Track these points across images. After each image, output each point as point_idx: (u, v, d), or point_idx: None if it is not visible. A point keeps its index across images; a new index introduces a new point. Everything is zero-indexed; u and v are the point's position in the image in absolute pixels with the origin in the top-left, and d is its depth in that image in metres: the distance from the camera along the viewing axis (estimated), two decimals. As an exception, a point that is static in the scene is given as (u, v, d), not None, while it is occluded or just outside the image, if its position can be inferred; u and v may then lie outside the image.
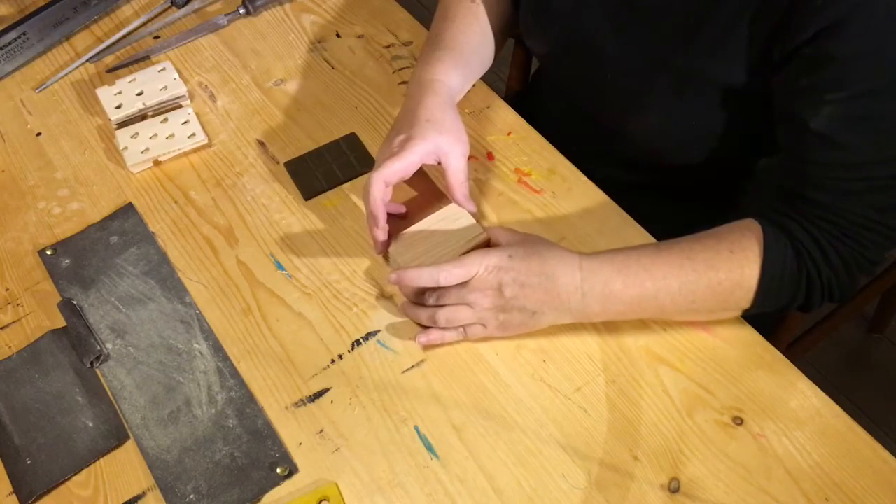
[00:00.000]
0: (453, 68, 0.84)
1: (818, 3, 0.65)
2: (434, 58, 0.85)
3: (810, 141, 0.69)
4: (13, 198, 0.91)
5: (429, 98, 0.80)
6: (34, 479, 0.71)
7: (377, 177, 0.75)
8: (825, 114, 0.67)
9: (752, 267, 0.70)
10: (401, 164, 0.75)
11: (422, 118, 0.78)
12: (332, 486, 0.69)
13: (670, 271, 0.71)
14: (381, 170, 0.75)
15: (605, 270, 0.71)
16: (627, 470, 0.69)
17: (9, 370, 0.77)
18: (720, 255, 0.70)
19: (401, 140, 0.77)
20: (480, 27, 0.89)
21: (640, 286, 0.71)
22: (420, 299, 0.75)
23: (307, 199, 0.87)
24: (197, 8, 1.07)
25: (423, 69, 0.84)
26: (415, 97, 0.81)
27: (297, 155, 0.90)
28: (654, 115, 0.82)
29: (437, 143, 0.77)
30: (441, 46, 0.86)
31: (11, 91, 1.01)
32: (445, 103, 0.81)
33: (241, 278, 0.82)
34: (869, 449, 0.69)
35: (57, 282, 0.83)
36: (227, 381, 0.76)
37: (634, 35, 0.80)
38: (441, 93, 0.81)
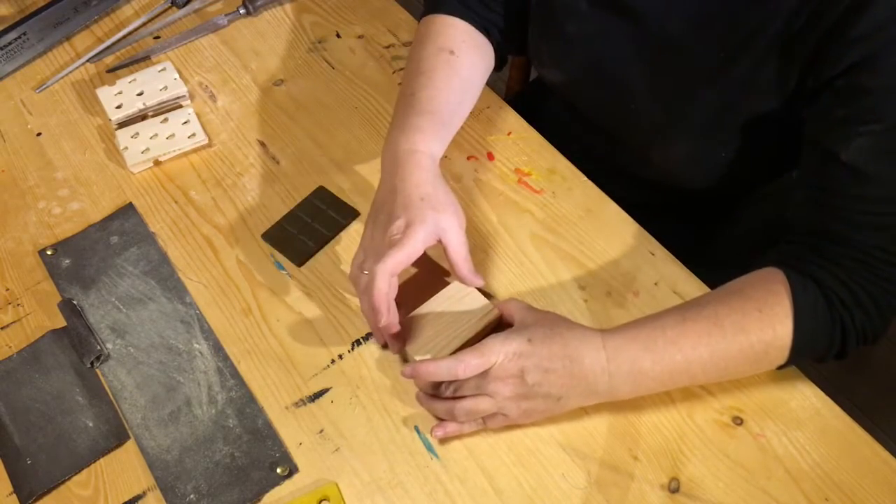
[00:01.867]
0: (433, 136, 0.79)
1: (852, 36, 0.63)
2: (412, 125, 0.78)
3: (840, 173, 0.67)
4: (13, 198, 0.91)
5: (416, 174, 0.75)
6: (34, 479, 0.71)
7: (383, 271, 0.70)
8: (857, 146, 0.65)
9: (785, 324, 0.66)
10: (404, 254, 0.71)
11: (415, 197, 0.73)
12: (332, 486, 0.69)
13: (699, 340, 0.67)
14: (386, 263, 0.70)
15: (632, 348, 0.67)
16: (627, 470, 0.69)
17: (9, 370, 0.77)
18: (749, 317, 0.67)
19: (399, 226, 0.72)
20: (460, 81, 0.84)
21: (670, 361, 0.67)
22: (436, 391, 0.71)
23: (300, 265, 0.82)
24: (197, 8, 1.07)
25: (400, 138, 0.78)
26: (398, 173, 0.76)
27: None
28: (681, 147, 0.81)
29: (436, 223, 0.72)
30: (418, 111, 0.80)
31: (11, 91, 1.01)
32: (433, 176, 0.76)
33: (241, 278, 0.82)
34: (869, 449, 0.69)
35: (57, 282, 0.83)
36: (227, 381, 0.76)
37: (662, 67, 0.78)
38: (425, 166, 0.76)
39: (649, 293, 0.78)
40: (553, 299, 0.78)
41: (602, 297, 0.78)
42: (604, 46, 0.81)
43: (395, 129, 0.80)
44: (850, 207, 0.67)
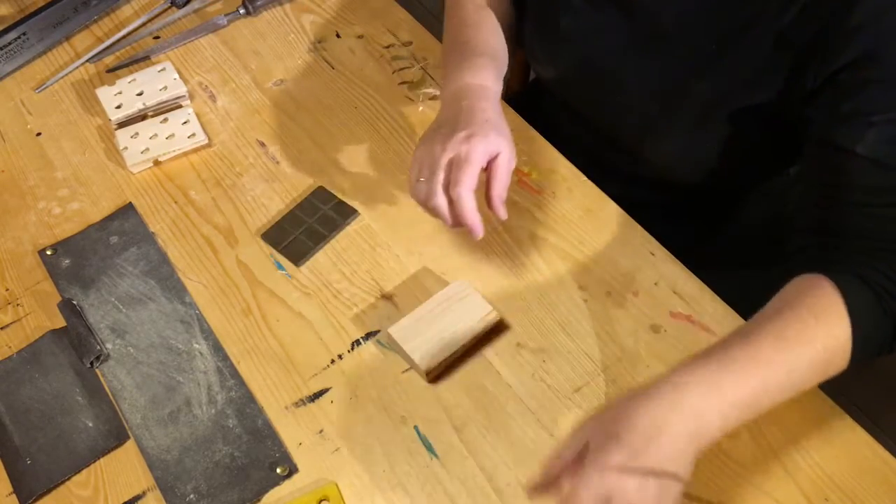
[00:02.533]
0: (495, 74, 0.81)
1: (850, 27, 0.63)
2: (474, 64, 0.81)
3: (856, 167, 0.65)
4: (13, 198, 0.91)
5: (483, 101, 0.77)
6: (34, 479, 0.71)
7: (465, 191, 0.71)
8: (874, 137, 0.64)
9: (842, 326, 0.63)
10: (475, 169, 0.72)
11: (480, 118, 0.75)
12: (332, 486, 0.69)
13: (772, 357, 0.62)
14: (464, 183, 0.71)
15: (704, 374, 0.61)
16: (627, 470, 0.69)
17: (9, 370, 0.77)
18: (808, 325, 0.63)
19: (461, 136, 0.73)
20: (501, 33, 0.87)
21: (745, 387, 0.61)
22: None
23: (299, 265, 0.82)
24: (197, 8, 1.07)
25: (466, 74, 0.80)
26: (466, 98, 0.78)
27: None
28: (674, 141, 0.81)
29: (496, 143, 0.74)
30: (479, 53, 0.82)
31: (11, 91, 1.01)
32: (497, 107, 0.78)
33: (241, 278, 0.82)
34: (869, 449, 0.69)
35: (57, 282, 0.83)
36: (227, 381, 0.76)
37: (655, 61, 0.79)
38: (491, 97, 0.79)
39: (649, 293, 0.78)
40: (553, 299, 0.78)
41: (602, 297, 0.78)
42: (597, 40, 0.82)
43: (457, 69, 0.81)
44: (871, 202, 0.65)
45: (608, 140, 0.89)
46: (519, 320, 0.77)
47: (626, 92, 0.82)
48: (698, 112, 0.77)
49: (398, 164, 0.89)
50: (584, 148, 0.90)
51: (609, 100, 0.85)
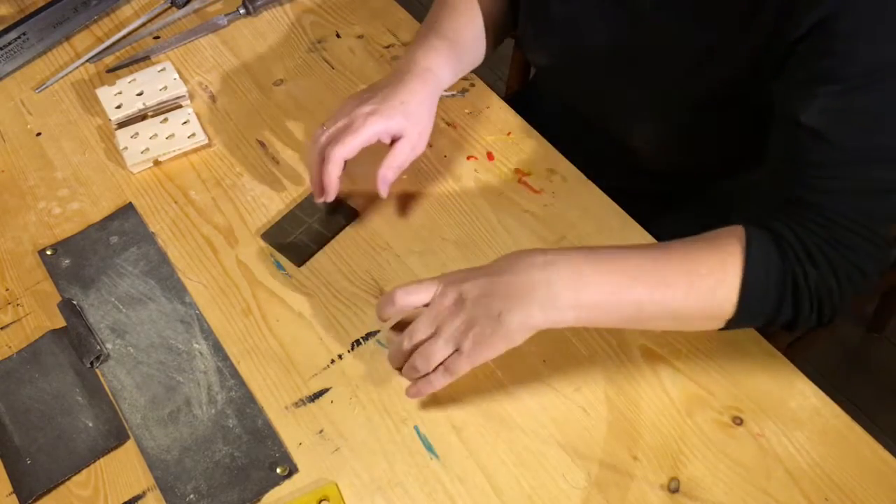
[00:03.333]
0: (447, 61, 0.84)
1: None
2: (432, 46, 0.84)
3: (801, 136, 0.66)
4: (13, 198, 0.91)
5: (415, 85, 0.81)
6: (34, 479, 0.71)
7: (338, 153, 0.77)
8: (816, 107, 0.65)
9: (735, 263, 0.64)
10: (359, 140, 0.78)
11: (397, 99, 0.79)
12: (332, 486, 0.69)
13: (646, 262, 0.65)
14: (342, 146, 0.77)
15: (574, 256, 0.65)
16: (627, 470, 0.69)
17: (9, 370, 0.77)
18: (699, 249, 0.66)
19: (368, 111, 0.79)
20: (480, 23, 0.89)
21: (611, 273, 0.64)
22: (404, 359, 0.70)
23: (300, 265, 0.82)
24: (197, 8, 1.07)
25: (419, 53, 0.84)
26: (402, 77, 0.81)
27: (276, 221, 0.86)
28: (660, 127, 0.82)
29: (399, 126, 0.79)
30: (441, 35, 0.85)
31: (11, 91, 1.01)
32: (428, 95, 0.81)
33: (241, 278, 0.82)
34: (869, 449, 0.69)
35: (57, 282, 0.83)
36: (227, 381, 0.76)
37: (636, 46, 0.79)
38: (429, 84, 0.82)
39: (649, 293, 0.78)
40: (553, 299, 0.78)
41: (602, 297, 0.78)
42: (585, 26, 0.83)
43: (415, 46, 0.85)
44: (811, 173, 0.66)
45: (600, 131, 0.90)
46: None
47: (611, 78, 0.83)
48: (679, 96, 0.78)
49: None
50: (583, 145, 0.90)
51: (597, 87, 0.86)
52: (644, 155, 0.87)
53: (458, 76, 0.87)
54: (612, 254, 0.66)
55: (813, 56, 0.65)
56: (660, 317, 0.66)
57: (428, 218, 0.85)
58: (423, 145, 0.82)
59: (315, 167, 0.79)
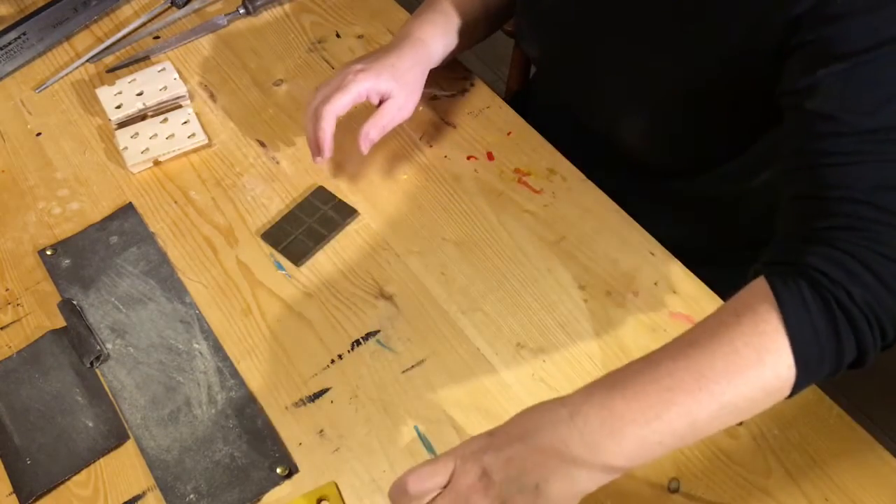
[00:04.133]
0: (442, 35, 0.87)
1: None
2: (429, 19, 0.87)
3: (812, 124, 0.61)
4: (13, 198, 0.91)
5: (408, 52, 0.84)
6: (34, 479, 0.71)
7: (330, 111, 0.80)
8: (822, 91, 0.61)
9: (770, 321, 0.55)
10: (349, 97, 0.81)
11: (388, 61, 0.83)
12: (332, 486, 0.69)
13: (673, 364, 0.55)
14: (333, 103, 0.80)
15: (595, 393, 0.56)
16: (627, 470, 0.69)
17: (9, 370, 0.77)
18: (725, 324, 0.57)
19: (356, 69, 0.82)
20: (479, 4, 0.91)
21: (646, 394, 0.55)
22: None
23: (299, 265, 0.82)
24: (197, 8, 1.07)
25: (415, 25, 0.87)
26: (396, 45, 0.85)
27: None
28: (647, 119, 0.82)
29: (387, 86, 0.82)
30: (437, 10, 0.88)
31: (11, 91, 1.01)
32: (419, 62, 0.85)
33: (241, 278, 0.82)
34: (869, 449, 0.69)
35: (57, 282, 0.83)
36: (227, 381, 0.76)
37: (622, 35, 0.80)
38: (420, 53, 0.85)
39: (649, 293, 0.78)
40: (553, 299, 0.78)
41: (602, 297, 0.78)
42: (575, 16, 0.83)
43: (415, 17, 0.89)
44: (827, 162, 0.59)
45: (597, 130, 0.90)
46: (519, 320, 0.77)
47: (599, 69, 0.83)
48: (667, 86, 0.78)
49: (398, 164, 0.89)
50: (582, 144, 0.90)
51: (583, 78, 0.86)
52: (640, 152, 0.87)
53: (451, 53, 0.90)
54: (634, 374, 0.56)
55: (814, 41, 0.63)
56: (717, 415, 0.55)
57: (428, 218, 0.85)
58: (409, 109, 0.85)
59: (310, 126, 0.82)
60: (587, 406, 0.55)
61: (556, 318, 0.77)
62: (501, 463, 0.55)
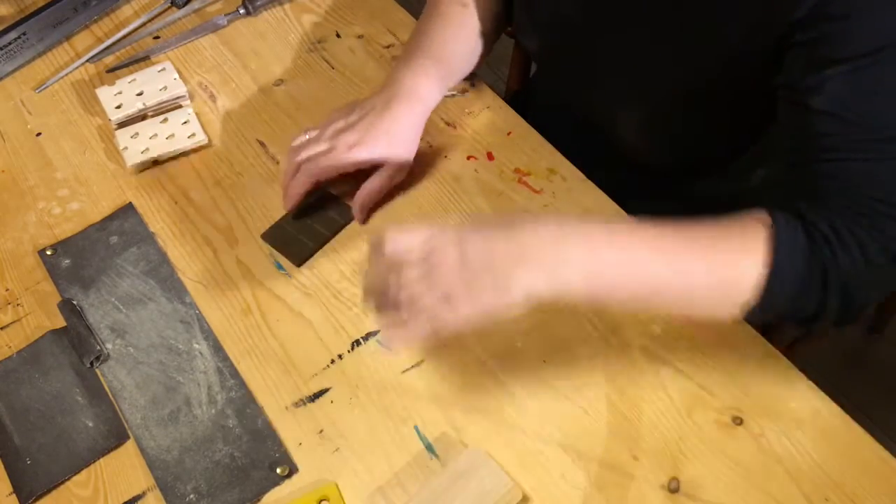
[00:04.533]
0: (437, 82, 0.84)
1: None
2: (420, 67, 0.84)
3: (815, 123, 0.64)
4: (13, 198, 0.91)
5: (401, 109, 0.81)
6: (34, 479, 0.71)
7: (310, 171, 0.80)
8: (827, 91, 0.63)
9: (758, 243, 0.61)
10: (337, 166, 0.80)
11: (382, 127, 0.80)
12: (332, 486, 0.69)
13: (664, 237, 0.62)
14: (317, 166, 0.80)
15: (589, 225, 0.63)
16: (627, 470, 0.69)
17: (9, 370, 0.77)
18: (722, 230, 0.64)
19: (351, 142, 0.80)
20: (471, 33, 0.89)
21: (628, 248, 0.61)
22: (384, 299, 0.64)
23: (299, 265, 0.82)
24: (197, 8, 1.07)
25: (407, 74, 0.83)
26: (390, 103, 0.81)
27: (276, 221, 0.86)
28: (642, 114, 0.82)
29: (382, 154, 0.80)
30: (429, 55, 0.85)
31: (11, 91, 1.01)
32: (415, 123, 0.83)
33: (241, 278, 0.82)
34: (869, 449, 0.69)
35: (57, 282, 0.83)
36: (227, 381, 0.76)
37: (623, 31, 0.80)
38: (416, 108, 0.82)
39: (649, 293, 0.78)
40: (553, 299, 0.78)
41: (602, 297, 0.78)
42: (571, 11, 0.83)
43: (404, 64, 0.85)
44: (830, 159, 0.63)
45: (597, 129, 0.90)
46: (518, 320, 0.77)
47: (599, 65, 0.83)
48: (667, 86, 0.78)
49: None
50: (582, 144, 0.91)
51: (580, 72, 0.86)
52: (640, 151, 0.87)
53: (444, 94, 0.87)
54: (629, 227, 0.63)
55: (816, 40, 0.64)
56: (675, 297, 0.62)
57: (428, 218, 0.85)
58: (403, 173, 0.83)
59: (287, 175, 0.82)
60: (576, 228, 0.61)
61: (556, 317, 0.77)
62: (480, 246, 0.60)
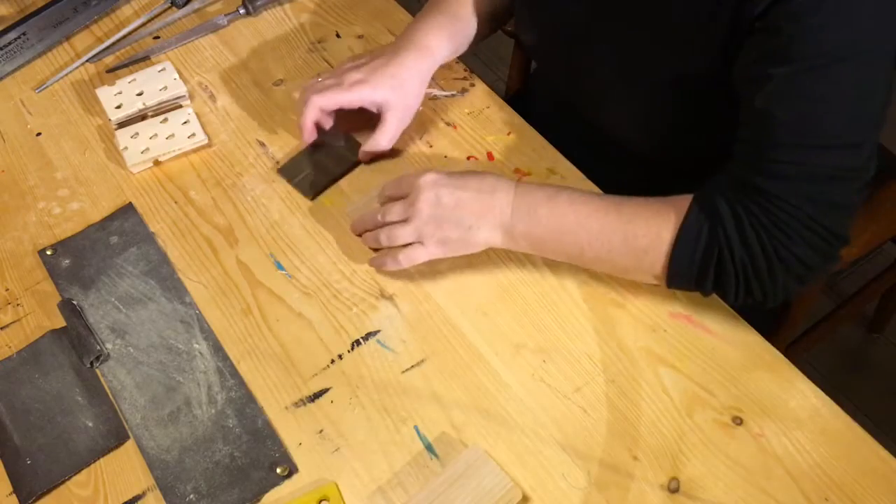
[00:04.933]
0: (449, 40, 0.88)
1: None
2: (433, 20, 0.88)
3: (756, 119, 0.67)
4: (13, 198, 0.91)
5: (410, 61, 0.85)
6: (34, 479, 0.71)
7: (315, 101, 0.84)
8: (767, 89, 0.65)
9: (669, 230, 0.70)
10: (341, 98, 0.84)
11: (388, 71, 0.84)
12: (332, 486, 0.69)
13: (594, 213, 0.73)
14: (322, 97, 0.84)
15: (536, 195, 0.75)
16: (627, 470, 0.69)
17: (9, 370, 0.77)
18: (642, 214, 0.72)
19: (357, 78, 0.84)
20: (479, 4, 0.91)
21: (562, 217, 0.73)
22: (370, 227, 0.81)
23: (312, 198, 0.87)
24: (197, 8, 1.07)
25: (421, 29, 0.87)
26: (399, 50, 0.86)
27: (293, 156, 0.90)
28: (634, 111, 0.83)
29: (384, 98, 0.84)
30: (443, 10, 0.89)
31: (11, 91, 1.01)
32: (422, 71, 0.86)
33: (241, 278, 0.82)
34: (869, 449, 0.69)
35: (57, 282, 0.83)
36: (227, 381, 0.76)
37: (613, 28, 0.81)
38: (425, 60, 0.86)
39: (649, 293, 0.78)
40: (553, 299, 0.78)
41: (602, 296, 0.78)
42: (566, 8, 0.84)
43: (419, 18, 0.89)
44: (764, 156, 0.67)
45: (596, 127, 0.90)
46: (518, 320, 0.78)
47: (587, 59, 0.85)
48: (652, 77, 0.79)
49: (397, 164, 0.89)
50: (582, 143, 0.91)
51: (574, 68, 0.88)
52: (639, 147, 0.87)
53: (455, 54, 0.91)
54: (567, 202, 0.74)
55: (766, 36, 0.66)
56: (598, 263, 0.76)
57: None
58: (409, 119, 0.87)
59: (299, 111, 0.86)
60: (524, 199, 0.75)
61: (556, 317, 0.77)
62: (454, 199, 0.75)
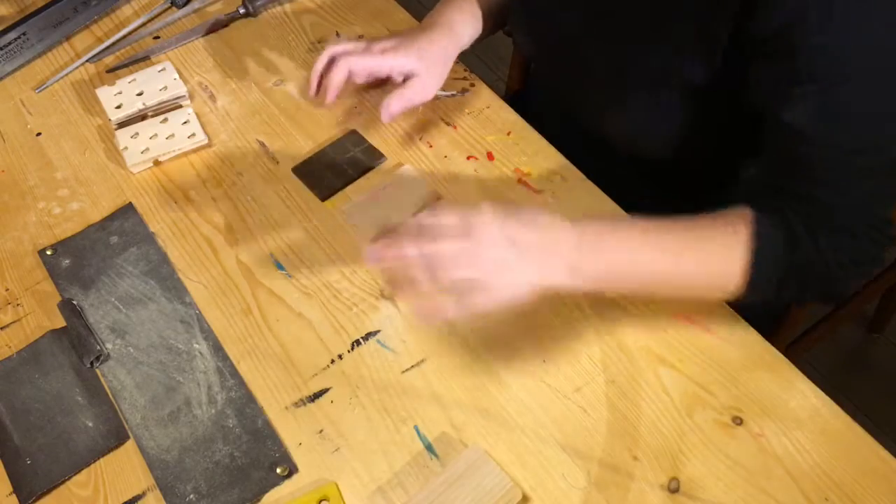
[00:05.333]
0: (471, 21, 0.90)
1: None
2: (457, 6, 0.90)
3: (787, 135, 0.68)
4: (13, 198, 0.91)
5: (437, 35, 0.87)
6: (34, 479, 0.71)
7: (346, 62, 0.83)
8: (797, 107, 0.66)
9: (742, 242, 0.68)
10: (371, 63, 0.84)
11: (416, 45, 0.85)
12: (332, 486, 0.69)
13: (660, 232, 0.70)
14: (353, 59, 0.83)
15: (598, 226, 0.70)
16: (627, 470, 0.69)
17: (9, 370, 0.77)
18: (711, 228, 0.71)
19: (387, 46, 0.85)
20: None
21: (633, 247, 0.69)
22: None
23: (324, 199, 0.87)
24: (197, 8, 1.07)
25: (444, 11, 0.90)
26: (425, 29, 0.88)
27: (300, 157, 0.90)
28: (630, 114, 0.83)
29: (413, 67, 0.84)
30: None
31: (11, 91, 1.01)
32: (448, 48, 0.88)
33: (241, 278, 0.82)
34: (869, 449, 0.69)
35: (57, 282, 0.83)
36: (227, 381, 0.76)
37: (609, 34, 0.81)
38: (450, 38, 0.88)
39: (649, 293, 0.78)
40: (553, 299, 0.78)
41: (602, 297, 0.78)
42: (562, 15, 0.85)
43: (443, 4, 0.91)
44: (803, 167, 0.69)
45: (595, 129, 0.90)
46: (519, 320, 0.77)
47: (584, 65, 0.85)
48: (648, 82, 0.79)
49: (398, 165, 0.89)
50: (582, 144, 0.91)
51: (571, 74, 0.88)
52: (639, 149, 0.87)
53: (476, 36, 0.92)
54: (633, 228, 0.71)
55: (786, 56, 0.66)
56: (673, 288, 0.72)
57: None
58: (431, 92, 0.86)
59: (320, 64, 0.85)
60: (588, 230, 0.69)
61: (556, 317, 0.77)
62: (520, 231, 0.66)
